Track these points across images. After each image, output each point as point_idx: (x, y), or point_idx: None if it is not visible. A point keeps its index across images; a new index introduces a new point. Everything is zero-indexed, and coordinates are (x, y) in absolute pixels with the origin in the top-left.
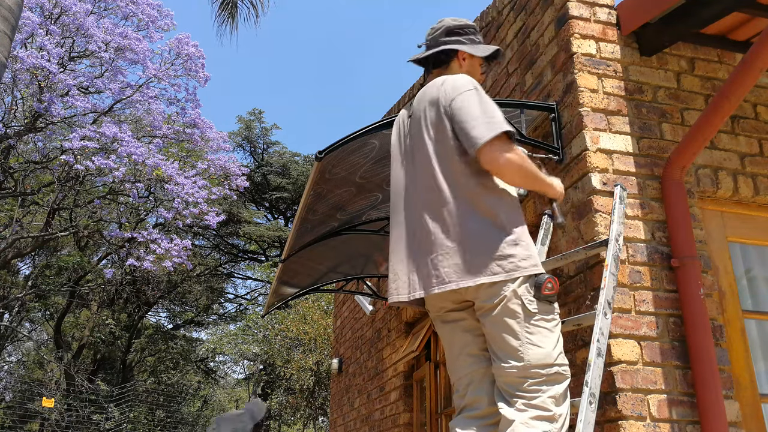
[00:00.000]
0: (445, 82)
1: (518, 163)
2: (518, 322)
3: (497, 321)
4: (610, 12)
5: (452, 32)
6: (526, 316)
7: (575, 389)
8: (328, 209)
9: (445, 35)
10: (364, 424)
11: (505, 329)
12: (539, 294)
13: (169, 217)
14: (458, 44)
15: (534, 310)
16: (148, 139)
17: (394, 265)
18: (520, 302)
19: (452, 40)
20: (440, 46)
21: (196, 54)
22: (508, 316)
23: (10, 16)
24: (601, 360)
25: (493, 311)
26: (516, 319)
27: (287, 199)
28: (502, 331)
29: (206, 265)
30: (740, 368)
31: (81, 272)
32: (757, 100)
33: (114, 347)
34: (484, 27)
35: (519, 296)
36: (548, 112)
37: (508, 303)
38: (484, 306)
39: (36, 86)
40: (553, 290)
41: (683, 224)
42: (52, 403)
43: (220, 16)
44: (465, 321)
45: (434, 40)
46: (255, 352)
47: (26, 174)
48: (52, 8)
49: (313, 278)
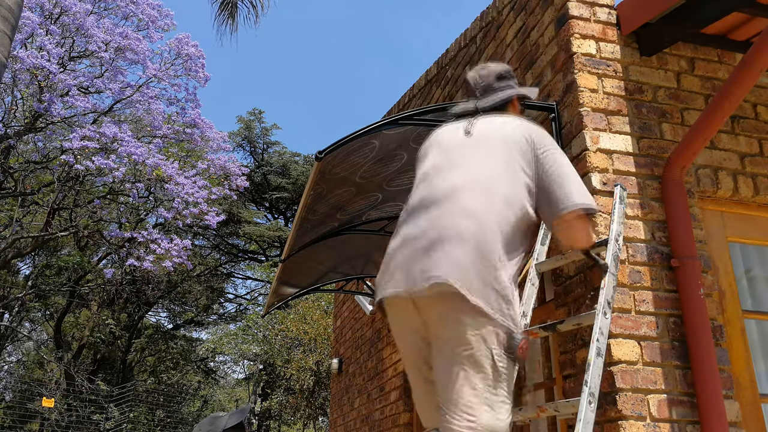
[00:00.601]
0: (528, 125)
1: (590, 241)
2: (483, 378)
3: (458, 362)
4: (610, 12)
5: (503, 77)
6: (493, 373)
7: (575, 389)
8: (328, 209)
9: (497, 80)
10: (364, 424)
11: (464, 375)
12: (512, 353)
13: (169, 217)
14: (512, 89)
15: (502, 368)
16: (148, 139)
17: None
18: (491, 356)
19: (506, 86)
20: (498, 92)
21: (196, 54)
22: (472, 364)
23: (10, 16)
24: (600, 360)
25: (458, 348)
26: (481, 373)
27: (287, 199)
28: (460, 376)
29: (206, 265)
30: (740, 368)
31: (81, 272)
32: (757, 100)
33: (114, 347)
34: (484, 27)
35: (489, 347)
36: (548, 112)
37: (476, 349)
38: (448, 335)
39: (36, 86)
40: (524, 351)
41: (683, 224)
42: (52, 403)
43: (220, 16)
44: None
45: (488, 86)
46: (255, 352)
47: (26, 174)
48: (52, 8)
49: (313, 278)
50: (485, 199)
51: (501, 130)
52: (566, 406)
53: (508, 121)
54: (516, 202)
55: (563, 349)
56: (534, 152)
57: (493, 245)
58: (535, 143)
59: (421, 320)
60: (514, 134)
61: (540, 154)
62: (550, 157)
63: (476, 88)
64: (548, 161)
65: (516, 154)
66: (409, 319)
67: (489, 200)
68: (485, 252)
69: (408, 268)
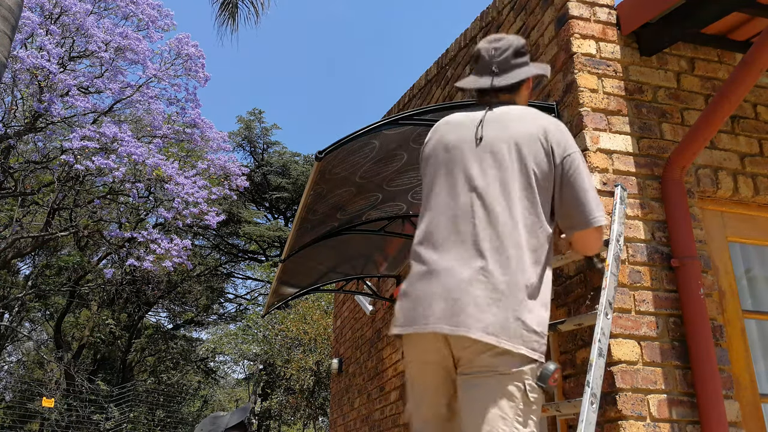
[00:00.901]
0: (546, 123)
1: (600, 248)
2: (512, 408)
3: (489, 396)
4: (610, 12)
5: (520, 53)
6: (524, 405)
7: (576, 389)
8: (328, 209)
9: (514, 56)
10: (364, 424)
11: (495, 408)
12: (544, 384)
13: (169, 217)
14: (528, 67)
15: (533, 399)
16: (148, 139)
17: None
18: (523, 386)
19: (523, 62)
20: (516, 68)
21: (196, 54)
22: (504, 394)
23: (10, 16)
24: (602, 360)
25: (488, 381)
26: (512, 403)
27: (287, 199)
28: (490, 409)
29: (206, 265)
30: (740, 368)
31: (81, 272)
32: (757, 100)
33: (114, 347)
34: (484, 27)
35: (523, 378)
36: (548, 112)
37: (509, 381)
38: (479, 368)
39: (36, 86)
40: (557, 382)
41: (683, 224)
42: (52, 403)
43: (220, 16)
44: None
45: (506, 62)
46: (255, 352)
47: (26, 174)
48: (52, 8)
49: (313, 278)
50: (505, 235)
51: (516, 132)
52: (568, 407)
53: (524, 115)
54: (535, 230)
55: (563, 349)
56: (552, 156)
57: (517, 282)
58: (553, 147)
59: (450, 355)
60: (531, 138)
61: (560, 161)
62: (572, 164)
63: (492, 62)
64: (569, 169)
65: (531, 163)
66: (437, 353)
67: (509, 234)
68: (511, 293)
69: (438, 307)
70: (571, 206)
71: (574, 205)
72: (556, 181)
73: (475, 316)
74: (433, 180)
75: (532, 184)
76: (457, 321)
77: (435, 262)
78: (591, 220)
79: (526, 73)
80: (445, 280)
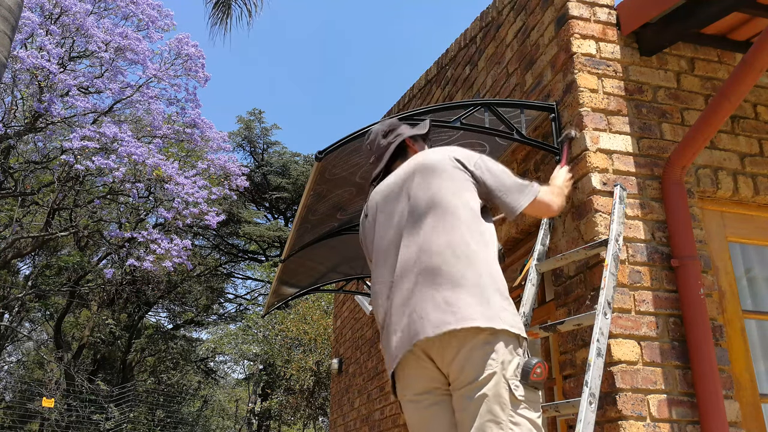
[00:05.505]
0: (441, 155)
1: (556, 208)
2: (501, 407)
3: (481, 399)
4: (610, 12)
5: (387, 133)
6: (511, 401)
7: (575, 389)
8: (328, 209)
9: (383, 137)
10: (364, 424)
11: (488, 415)
12: (525, 379)
13: (169, 217)
14: (401, 135)
15: (521, 397)
16: (148, 139)
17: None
18: (507, 387)
19: (395, 135)
20: (388, 146)
21: (196, 54)
22: (493, 396)
23: (10, 16)
24: (601, 360)
25: (480, 384)
26: (499, 404)
27: (287, 199)
28: (483, 417)
29: (206, 265)
30: (740, 368)
31: (81, 272)
32: (757, 100)
33: (114, 347)
34: (484, 27)
35: (507, 378)
36: (548, 112)
37: (495, 381)
38: (467, 373)
39: (36, 86)
40: (540, 377)
41: (683, 224)
42: (52, 403)
43: (213, 16)
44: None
45: (379, 147)
46: (255, 352)
47: (26, 174)
48: (52, 8)
49: (313, 278)
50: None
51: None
52: (567, 407)
53: (403, 166)
54: (465, 209)
55: (563, 350)
56: (466, 169)
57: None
58: (461, 161)
59: (436, 367)
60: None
61: (473, 170)
62: (481, 168)
63: (373, 154)
64: (481, 173)
65: (455, 178)
66: (424, 371)
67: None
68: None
69: (405, 326)
70: (501, 205)
71: (499, 199)
72: (479, 187)
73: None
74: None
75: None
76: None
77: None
78: (518, 207)
79: (398, 140)
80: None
